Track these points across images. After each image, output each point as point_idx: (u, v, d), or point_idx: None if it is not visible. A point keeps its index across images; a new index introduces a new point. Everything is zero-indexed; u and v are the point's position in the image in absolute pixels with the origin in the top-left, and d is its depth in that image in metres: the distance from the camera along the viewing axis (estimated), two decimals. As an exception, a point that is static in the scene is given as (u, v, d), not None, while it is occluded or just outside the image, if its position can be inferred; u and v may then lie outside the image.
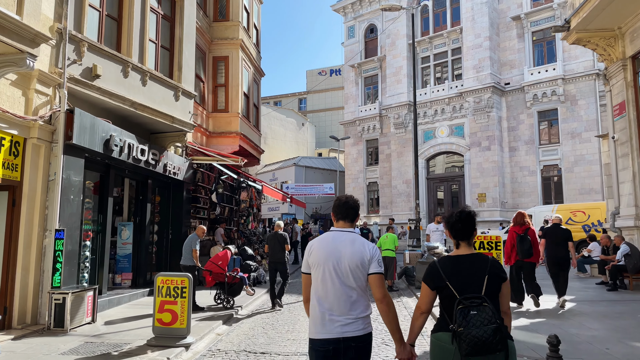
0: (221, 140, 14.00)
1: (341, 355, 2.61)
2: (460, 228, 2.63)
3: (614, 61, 10.80)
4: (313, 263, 2.77)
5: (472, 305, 2.38)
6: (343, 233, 2.80)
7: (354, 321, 2.64)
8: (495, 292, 2.49)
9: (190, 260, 8.75)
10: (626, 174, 10.48)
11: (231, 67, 14.22)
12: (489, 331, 2.30)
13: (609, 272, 9.62)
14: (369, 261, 2.68)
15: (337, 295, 2.66)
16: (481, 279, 2.47)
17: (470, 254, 2.60)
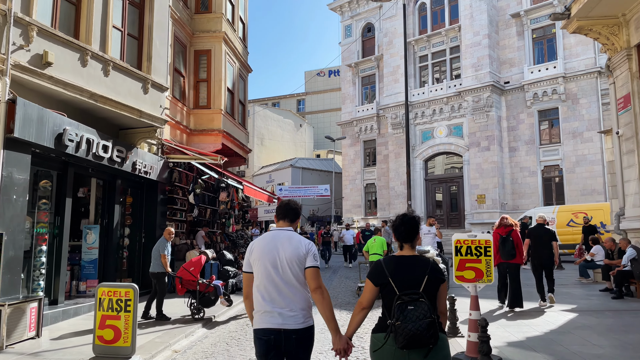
0: (203, 138, 13.28)
1: (282, 346, 2.78)
2: (403, 231, 2.79)
3: (617, 51, 10.05)
4: (254, 260, 2.94)
5: (410, 301, 2.52)
6: (281, 231, 2.99)
7: (294, 315, 2.81)
8: (433, 292, 2.65)
9: (159, 267, 8.03)
10: (631, 171, 9.71)
11: (214, 61, 13.50)
12: (423, 325, 2.44)
13: (614, 278, 8.84)
14: (305, 256, 2.88)
15: (277, 289, 2.83)
16: (421, 278, 2.62)
17: (412, 255, 2.78)
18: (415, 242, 2.84)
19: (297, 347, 2.81)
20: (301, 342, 2.82)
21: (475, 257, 4.87)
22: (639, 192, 9.41)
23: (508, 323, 6.73)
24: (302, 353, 2.85)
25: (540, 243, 8.33)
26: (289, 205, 3.11)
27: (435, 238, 10.98)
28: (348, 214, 39.27)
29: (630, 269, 8.69)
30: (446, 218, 32.91)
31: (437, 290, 2.68)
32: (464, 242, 4.94)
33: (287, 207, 3.09)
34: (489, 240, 4.93)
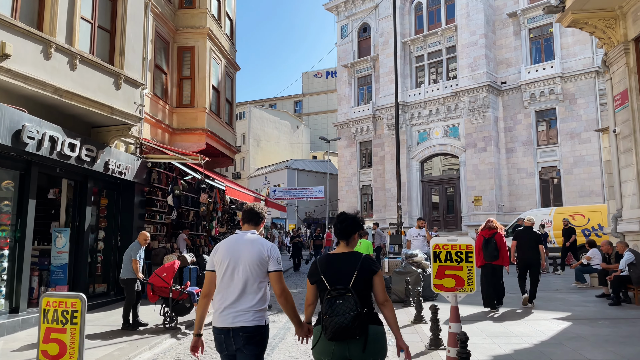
0: (186, 137, 12.83)
1: (232, 343, 2.92)
2: (339, 229, 2.92)
3: (614, 45, 9.61)
4: (217, 261, 3.06)
5: (338, 295, 2.64)
6: (245, 234, 3.12)
7: (244, 313, 2.93)
8: (366, 285, 2.75)
9: (130, 272, 7.56)
10: (629, 171, 9.26)
11: (198, 58, 13.06)
12: (349, 318, 2.55)
13: (611, 283, 8.38)
14: (267, 259, 3.00)
15: (233, 289, 2.97)
16: (351, 273, 2.72)
17: (346, 252, 2.88)
18: (351, 240, 2.93)
19: (247, 345, 2.93)
20: (250, 340, 2.93)
21: (455, 264, 4.42)
22: (637, 192, 8.96)
23: (497, 332, 6.27)
24: (252, 350, 2.95)
25: (526, 246, 8.54)
26: (253, 210, 3.24)
27: (425, 241, 10.52)
28: (344, 216, 38.74)
29: (627, 274, 8.23)
30: (443, 220, 32.45)
31: (370, 282, 2.78)
32: (443, 247, 4.48)
33: (251, 212, 3.23)
34: (470, 245, 4.47)
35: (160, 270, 7.94)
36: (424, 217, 32.96)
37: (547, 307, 8.23)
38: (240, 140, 50.35)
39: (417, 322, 7.00)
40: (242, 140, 50.14)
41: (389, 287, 9.38)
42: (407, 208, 33.13)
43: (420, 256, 9.42)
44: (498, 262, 8.12)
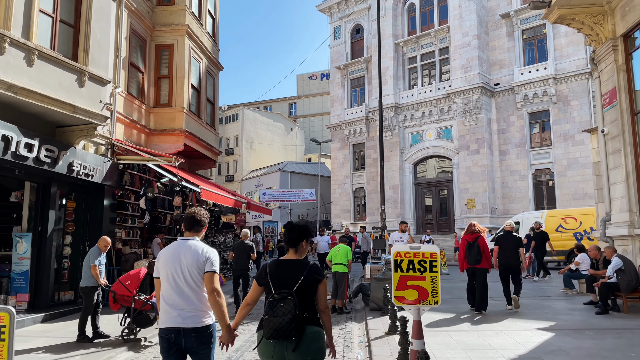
0: (163, 138, 12.41)
1: (182, 343, 3.12)
2: (287, 237, 3.14)
3: (602, 42, 9.25)
4: (161, 267, 3.24)
5: (280, 299, 2.86)
6: (186, 241, 3.28)
7: (192, 315, 3.13)
8: (309, 292, 2.98)
9: (89, 280, 7.12)
10: (618, 173, 8.88)
11: (176, 56, 12.65)
12: (286, 319, 2.78)
13: (599, 291, 7.98)
14: (204, 262, 3.19)
15: (178, 292, 3.15)
16: (296, 279, 2.95)
17: (294, 259, 3.10)
18: (299, 248, 3.09)
19: (196, 344, 3.12)
20: (200, 339, 3.13)
21: (418, 274, 4.01)
22: (625, 195, 8.59)
23: (473, 345, 5.86)
24: (202, 349, 3.15)
25: (507, 249, 8.74)
26: (194, 218, 3.37)
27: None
28: (337, 219, 38.37)
29: (615, 280, 7.83)
30: (436, 223, 32.08)
31: (314, 289, 2.99)
32: (405, 255, 4.07)
33: (193, 220, 3.36)
34: (434, 253, 4.06)
35: (124, 278, 7.50)
36: (418, 221, 32.73)
37: (531, 315, 7.83)
38: (234, 143, 49.95)
39: (391, 333, 6.59)
40: (235, 142, 49.74)
41: (368, 295, 8.96)
42: (400, 211, 32.74)
43: (400, 262, 9.00)
44: (481, 266, 8.32)
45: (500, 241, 9.00)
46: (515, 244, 8.72)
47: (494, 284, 11.95)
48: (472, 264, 8.34)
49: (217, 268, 3.23)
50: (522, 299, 9.60)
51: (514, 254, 8.63)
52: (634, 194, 8.45)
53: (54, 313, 8.53)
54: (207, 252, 3.23)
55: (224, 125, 50.54)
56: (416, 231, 32.45)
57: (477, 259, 8.28)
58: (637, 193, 8.41)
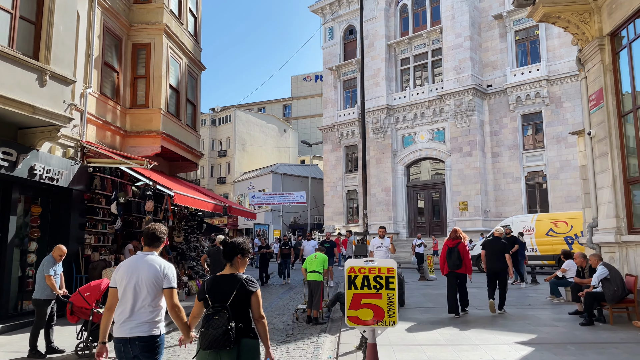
0: (140, 140, 12.01)
1: (130, 351, 3.32)
2: (223, 253, 3.42)
3: (589, 41, 8.92)
4: (119, 279, 3.44)
5: (216, 312, 3.08)
6: (145, 255, 3.50)
7: (141, 325, 3.33)
8: (243, 304, 3.19)
9: (43, 292, 6.70)
10: (605, 177, 8.54)
11: (153, 55, 12.26)
12: (220, 331, 2.99)
13: (583, 300, 7.62)
14: (162, 279, 3.41)
15: (131, 304, 3.35)
16: (230, 293, 3.16)
17: (229, 274, 3.31)
18: (234, 263, 3.31)
19: (140, 352, 3.29)
20: (144, 348, 3.30)
21: (374, 291, 3.64)
22: (612, 200, 8.24)
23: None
24: (148, 357, 3.32)
25: (494, 255, 8.96)
26: (154, 235, 3.53)
27: (388, 253, 9.72)
28: (329, 221, 37.98)
29: (601, 290, 7.48)
30: (428, 226, 31.74)
31: (248, 301, 3.19)
32: (359, 270, 3.70)
33: (153, 236, 3.53)
34: (392, 268, 3.69)
35: (85, 289, 7.08)
36: (411, 223, 32.36)
37: (513, 326, 7.47)
38: (226, 144, 49.53)
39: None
40: (227, 144, 49.32)
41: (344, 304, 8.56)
42: (392, 214, 32.40)
43: (379, 270, 8.63)
44: (461, 271, 8.62)
45: (488, 246, 9.24)
46: (500, 249, 8.93)
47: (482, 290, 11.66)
48: (452, 269, 8.63)
49: (175, 283, 3.45)
50: (507, 307, 9.27)
51: (501, 259, 8.86)
52: (620, 199, 8.11)
53: (14, 324, 8.12)
54: (165, 268, 3.43)
55: (216, 127, 50.12)
56: (408, 234, 32.12)
57: (456, 264, 8.58)
58: (624, 198, 8.08)
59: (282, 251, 14.56)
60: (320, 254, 8.74)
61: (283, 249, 14.59)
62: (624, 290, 7.38)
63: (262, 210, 42.05)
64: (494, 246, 9.07)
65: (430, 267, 15.49)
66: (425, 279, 15.10)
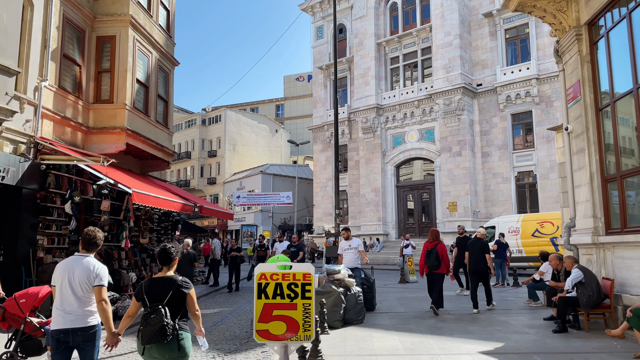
0: (103, 137, 11.49)
1: (70, 341, 3.71)
2: (158, 257, 3.76)
3: (566, 31, 8.46)
4: (57, 278, 3.82)
5: (153, 311, 3.41)
6: (80, 257, 3.88)
7: (79, 317, 3.73)
8: (179, 302, 3.53)
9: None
10: (582, 175, 8.07)
11: (119, 48, 11.74)
12: (157, 327, 3.34)
13: (557, 306, 7.14)
14: (94, 277, 3.78)
15: (70, 299, 3.74)
16: (166, 293, 3.49)
17: (164, 276, 3.64)
18: (169, 266, 3.69)
19: (82, 341, 3.74)
20: (85, 337, 3.74)
21: (287, 301, 3.14)
22: (590, 199, 7.77)
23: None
24: (87, 345, 3.75)
25: (475, 255, 9.23)
26: (90, 240, 3.91)
27: (357, 255, 9.20)
28: (319, 222, 37.46)
29: (575, 295, 7.00)
30: (418, 227, 31.28)
31: (183, 300, 3.56)
32: (271, 277, 3.20)
33: (89, 241, 3.91)
34: (309, 274, 3.19)
35: (21, 295, 6.51)
36: (400, 224, 31.86)
37: (482, 333, 6.97)
38: (216, 145, 48.96)
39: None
40: (217, 144, 48.75)
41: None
42: (381, 214, 31.92)
43: (343, 272, 8.13)
44: (439, 271, 8.89)
45: (470, 247, 9.49)
46: (482, 250, 9.21)
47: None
48: (431, 269, 8.89)
49: (106, 282, 3.83)
50: (481, 313, 8.79)
51: (481, 259, 9.15)
52: (598, 197, 7.64)
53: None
54: (98, 268, 3.83)
55: (206, 127, 49.57)
56: (398, 235, 31.61)
57: (434, 265, 8.83)
58: (601, 197, 7.60)
59: (257, 253, 14.01)
60: (283, 256, 8.24)
61: (259, 251, 14.04)
62: (600, 295, 6.90)
63: (251, 212, 41.52)
64: (475, 247, 9.33)
65: (411, 270, 15.00)
66: (405, 281, 14.61)
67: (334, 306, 7.69)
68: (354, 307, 8.01)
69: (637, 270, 6.69)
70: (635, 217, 6.90)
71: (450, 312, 9.03)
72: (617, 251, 7.18)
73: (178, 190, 14.91)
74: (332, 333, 7.28)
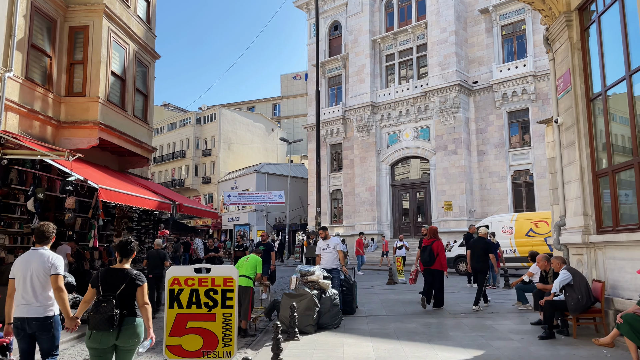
0: (75, 131, 10.99)
1: (26, 328, 4.03)
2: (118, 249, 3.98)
3: (556, 17, 7.96)
4: (16, 270, 4.14)
5: (105, 300, 3.64)
6: (37, 250, 4.23)
7: (36, 307, 4.05)
8: (130, 294, 3.75)
9: None
10: (572, 170, 7.57)
11: (92, 39, 11.25)
12: (106, 316, 3.55)
13: (543, 310, 6.63)
14: (49, 268, 4.12)
15: (27, 290, 4.06)
16: (120, 285, 3.74)
17: (120, 268, 3.89)
18: (127, 259, 3.94)
19: (38, 330, 4.05)
20: (41, 327, 4.05)
21: (205, 311, 2.65)
22: (580, 196, 7.27)
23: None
24: (43, 335, 4.07)
25: (478, 254, 9.55)
26: (43, 234, 4.29)
27: (335, 255, 8.69)
28: (313, 222, 36.87)
29: (563, 298, 6.49)
30: (413, 226, 30.75)
31: (134, 293, 3.76)
32: (186, 282, 2.71)
33: (42, 235, 4.29)
34: (230, 278, 2.70)
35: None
36: (395, 224, 31.31)
37: (462, 340, 6.47)
38: (211, 143, 48.47)
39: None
40: (212, 143, 48.26)
41: (279, 313, 7.55)
42: (376, 214, 31.40)
43: (317, 274, 7.62)
44: (435, 267, 9.20)
45: (472, 246, 9.79)
46: (485, 249, 9.55)
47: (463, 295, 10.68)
48: (425, 265, 9.27)
49: (61, 271, 4.15)
50: (466, 316, 8.30)
51: (483, 258, 9.46)
52: (589, 194, 7.14)
53: None
54: (53, 259, 4.15)
55: (201, 126, 49.08)
56: (393, 235, 31.06)
57: (427, 261, 9.18)
58: (592, 193, 7.11)
59: (235, 254, 13.43)
60: (254, 256, 7.74)
61: (237, 251, 13.47)
62: (590, 299, 6.39)
63: (246, 211, 41.03)
64: (476, 246, 9.61)
65: (400, 270, 14.49)
66: (393, 282, 14.10)
67: (306, 310, 7.18)
68: (329, 310, 7.50)
69: (630, 272, 6.19)
70: (628, 215, 6.41)
71: (432, 313, 8.52)
72: (609, 251, 6.69)
73: (158, 188, 14.41)
74: (303, 339, 6.78)
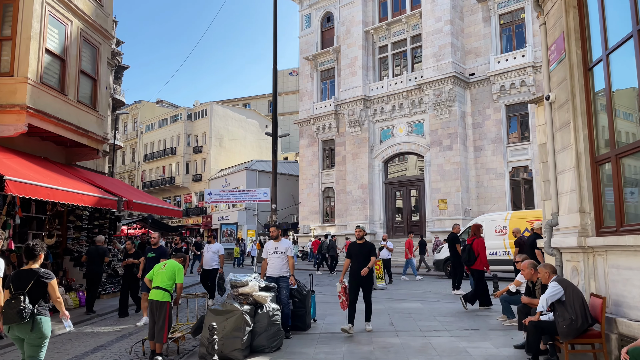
0: (1, 117, 9.61)
1: None
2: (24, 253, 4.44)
3: (546, -30, 6.51)
4: None
5: (14, 297, 4.08)
6: None
7: None
8: (40, 290, 4.20)
9: None
10: (566, 156, 6.12)
11: (22, 12, 9.90)
12: (15, 311, 4.02)
13: (526, 333, 5.19)
14: None
15: None
16: (28, 282, 4.17)
17: (29, 268, 4.32)
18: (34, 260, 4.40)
19: None
20: None
21: None
22: (576, 188, 5.82)
23: None
24: None
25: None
26: None
27: (284, 260, 7.27)
28: (305, 221, 35.57)
29: (552, 318, 5.06)
30: (406, 225, 29.29)
31: (44, 289, 4.24)
32: None
33: None
34: None
35: None
36: (388, 222, 29.82)
37: None
38: (202, 140, 47.15)
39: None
40: (203, 139, 46.95)
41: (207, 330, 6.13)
42: (368, 212, 29.99)
43: (252, 285, 6.18)
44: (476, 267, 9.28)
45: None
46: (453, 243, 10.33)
47: (417, 304, 9.24)
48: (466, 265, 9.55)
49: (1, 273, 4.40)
50: (438, 335, 6.87)
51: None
52: (586, 185, 5.70)
53: None
54: None
55: (192, 122, 47.77)
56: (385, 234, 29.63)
57: (465, 260, 9.44)
58: (590, 184, 5.67)
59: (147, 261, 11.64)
60: (173, 261, 6.34)
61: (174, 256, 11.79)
62: (586, 319, 4.95)
63: (235, 209, 39.65)
64: None
65: (379, 274, 13.04)
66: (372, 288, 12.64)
67: (234, 330, 5.77)
68: (266, 330, 6.08)
69: (638, 285, 4.76)
70: (636, 212, 4.97)
71: (399, 333, 7.09)
72: (611, 258, 5.24)
73: (112, 184, 13.02)
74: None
